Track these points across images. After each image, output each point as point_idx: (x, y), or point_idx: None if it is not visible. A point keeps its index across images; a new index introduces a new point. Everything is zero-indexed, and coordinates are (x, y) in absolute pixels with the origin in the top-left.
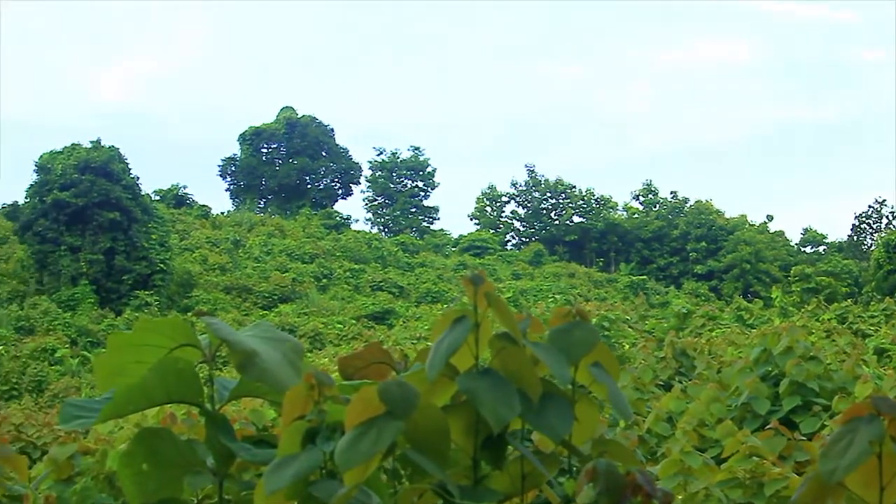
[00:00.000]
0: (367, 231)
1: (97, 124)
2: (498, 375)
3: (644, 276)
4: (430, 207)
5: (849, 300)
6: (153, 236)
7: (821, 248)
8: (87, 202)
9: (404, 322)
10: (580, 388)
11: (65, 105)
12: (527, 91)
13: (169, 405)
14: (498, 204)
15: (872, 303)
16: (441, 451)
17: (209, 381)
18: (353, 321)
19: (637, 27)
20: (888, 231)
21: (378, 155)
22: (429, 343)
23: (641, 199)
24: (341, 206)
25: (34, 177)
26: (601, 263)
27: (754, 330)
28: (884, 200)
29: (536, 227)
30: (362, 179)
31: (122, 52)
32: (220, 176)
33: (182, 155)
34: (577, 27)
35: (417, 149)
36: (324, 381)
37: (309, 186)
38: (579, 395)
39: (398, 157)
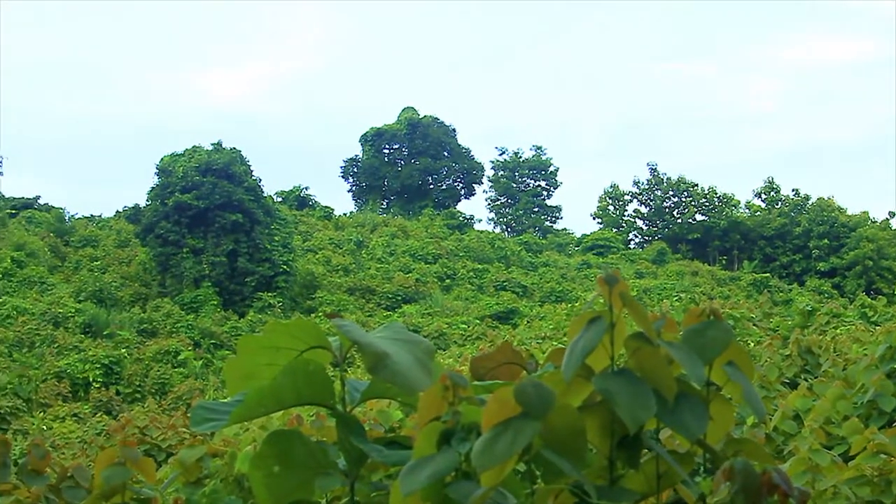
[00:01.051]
0: (490, 231)
1: (218, 127)
2: (633, 375)
3: (767, 274)
4: (552, 207)
5: None
6: (276, 238)
7: None
8: (209, 204)
9: (528, 322)
10: (713, 387)
11: (185, 108)
12: (648, 89)
13: (296, 407)
14: (620, 202)
15: None
16: (577, 451)
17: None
18: (477, 321)
19: (760, 26)
20: None
21: (500, 154)
22: (554, 343)
23: (763, 196)
24: (464, 206)
25: (155, 179)
26: (724, 261)
27: (879, 327)
28: None
29: (659, 226)
30: (485, 179)
31: (244, 55)
32: (343, 177)
33: (304, 156)
34: (699, 26)
35: (539, 148)
36: (458, 382)
37: (431, 187)
38: (713, 395)
39: (520, 157)
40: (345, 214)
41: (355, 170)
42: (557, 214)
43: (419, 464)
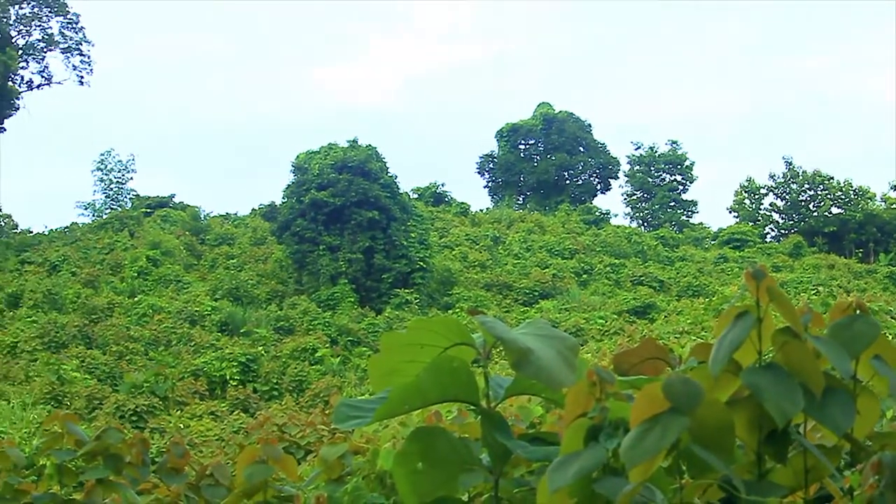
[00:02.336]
0: (627, 226)
1: (354, 124)
2: (781, 370)
3: None
4: (688, 201)
5: None
6: (412, 234)
7: None
8: (345, 201)
9: (666, 316)
10: (859, 381)
11: (321, 106)
12: (782, 83)
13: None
14: (756, 196)
15: None
16: (725, 446)
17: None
18: (615, 316)
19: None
20: None
21: (636, 149)
22: (693, 337)
23: None
24: (600, 201)
25: (291, 177)
26: (860, 254)
27: None
28: None
29: (795, 219)
30: (620, 174)
31: (379, 52)
32: (479, 173)
33: (440, 153)
34: (833, 18)
35: (675, 142)
36: (605, 378)
37: (567, 182)
38: (860, 389)
39: (656, 152)
40: (481, 210)
41: (491, 166)
42: (693, 209)
43: (567, 460)
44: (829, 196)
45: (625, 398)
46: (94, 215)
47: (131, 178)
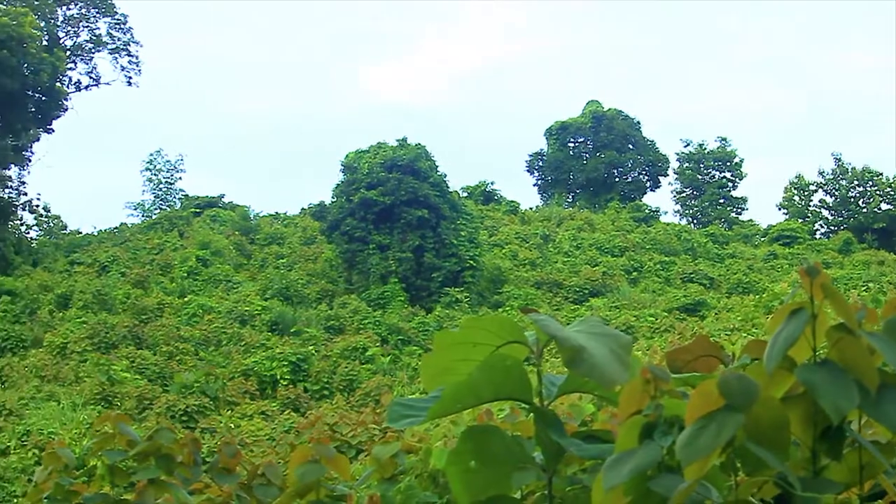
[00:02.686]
0: (676, 223)
1: (403, 123)
2: (836, 366)
3: None
4: (738, 198)
5: None
6: (462, 233)
7: None
8: (395, 200)
9: (716, 314)
10: None
11: (370, 105)
12: (831, 79)
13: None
14: (805, 193)
15: None
16: (780, 443)
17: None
18: (665, 313)
19: None
20: None
21: (685, 147)
22: (744, 334)
23: None
24: (650, 199)
25: (340, 176)
26: None
27: None
28: None
29: (844, 216)
30: (670, 171)
31: (429, 51)
32: (528, 171)
33: (489, 151)
34: (880, 14)
35: (724, 139)
36: (659, 375)
37: (617, 180)
38: None
39: (705, 149)
40: (531, 208)
41: (540, 164)
42: (743, 205)
43: (621, 458)
44: (878, 192)
45: (679, 395)
46: (143, 215)
47: (180, 178)
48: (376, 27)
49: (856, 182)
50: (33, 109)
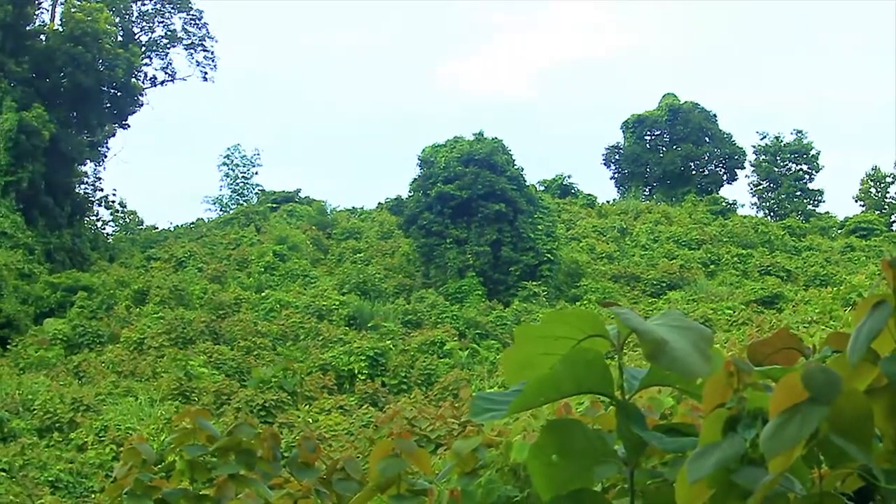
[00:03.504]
0: (753, 215)
1: (479, 117)
2: None
3: None
4: (814, 190)
5: None
6: (539, 227)
7: None
8: (472, 194)
9: (794, 306)
10: None
11: (445, 98)
12: None
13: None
14: (882, 185)
15: None
16: (864, 435)
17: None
18: (742, 306)
19: None
20: None
21: (761, 139)
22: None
23: None
24: (726, 192)
25: (417, 171)
26: None
27: None
28: None
29: None
30: (746, 164)
31: (504, 45)
32: (605, 164)
33: (565, 145)
34: None
35: (800, 132)
36: (743, 368)
37: (693, 172)
38: None
39: (781, 141)
40: (608, 202)
41: (617, 157)
42: (819, 198)
43: (705, 451)
44: None
45: (762, 388)
46: (220, 210)
47: (256, 174)
48: (455, 22)
49: None
50: (108, 105)
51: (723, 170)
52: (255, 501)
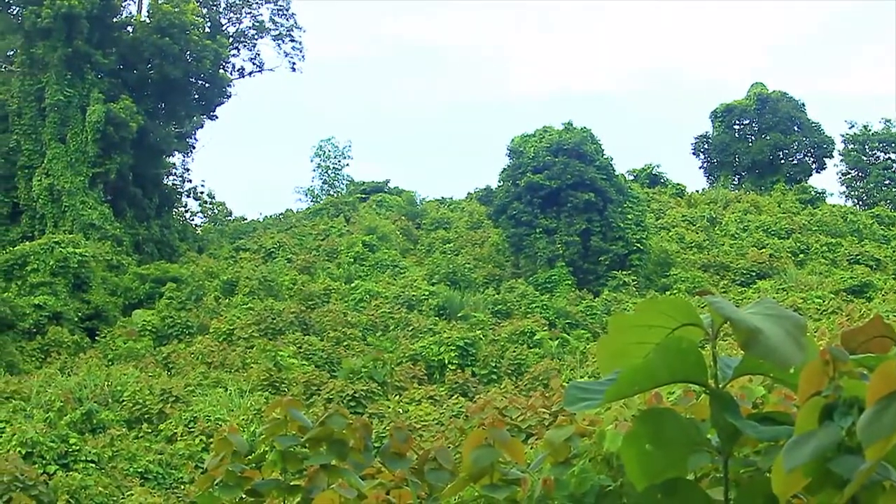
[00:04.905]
0: (842, 205)
1: (567, 107)
2: None
3: None
4: None
5: None
6: (629, 216)
7: None
8: (561, 184)
9: (883, 295)
10: None
11: (535, 89)
12: None
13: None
14: None
15: None
16: None
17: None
18: (832, 295)
19: None
20: None
21: (850, 128)
22: None
23: None
24: (815, 181)
25: (506, 161)
26: None
27: None
28: None
29: None
30: (835, 153)
31: (594, 35)
32: (694, 154)
33: (654, 134)
34: None
35: (889, 121)
36: (839, 356)
37: (782, 162)
38: None
39: (870, 130)
40: (697, 191)
41: (706, 146)
42: None
43: (801, 439)
44: None
45: (858, 377)
46: (311, 201)
47: (348, 165)
48: (545, 12)
49: None
50: (196, 96)
51: (811, 159)
52: (347, 492)
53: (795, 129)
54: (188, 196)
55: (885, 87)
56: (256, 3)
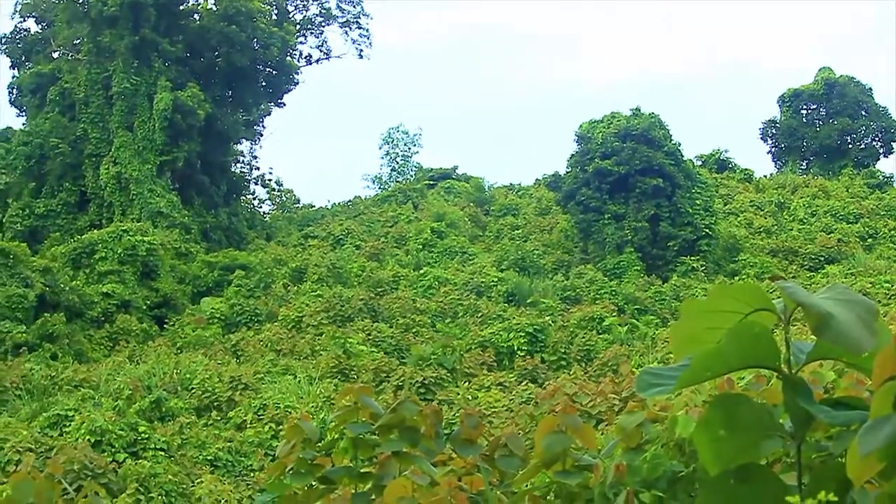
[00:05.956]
0: None
1: (635, 94)
2: None
3: None
4: None
5: None
6: (697, 202)
7: None
8: (629, 170)
9: None
10: None
11: (603, 76)
12: None
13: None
14: None
15: None
16: None
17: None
18: None
19: None
20: None
21: None
22: None
23: None
24: (883, 165)
25: (574, 147)
26: None
27: None
28: None
29: None
30: None
31: (659, 21)
32: (761, 139)
33: (722, 119)
34: None
35: None
36: None
37: (850, 146)
38: None
39: None
40: (765, 176)
41: (774, 131)
42: None
43: (876, 424)
44: None
45: None
46: (379, 188)
47: (417, 153)
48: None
49: None
50: (264, 84)
51: (879, 143)
52: (420, 478)
53: (863, 113)
54: (256, 184)
55: None
56: None
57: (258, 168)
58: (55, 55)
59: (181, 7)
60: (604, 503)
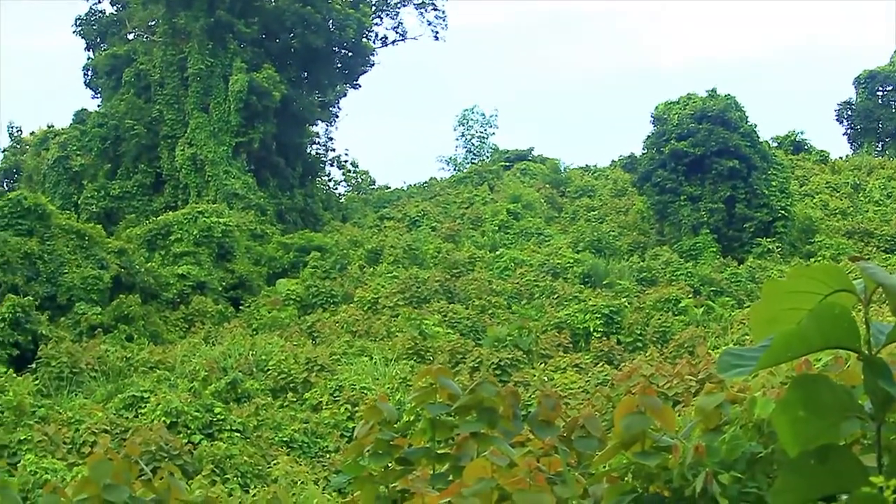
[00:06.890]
0: None
1: (710, 75)
2: None
3: None
4: None
5: None
6: (773, 183)
7: None
8: (705, 151)
9: None
10: None
11: (678, 55)
12: None
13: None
14: None
15: None
16: None
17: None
18: None
19: None
20: None
21: None
22: None
23: None
24: None
25: (650, 128)
26: None
27: None
28: None
29: None
30: None
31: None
32: (837, 120)
33: (798, 101)
34: None
35: None
36: None
37: None
38: None
39: None
40: (840, 158)
41: (849, 113)
42: None
43: None
44: None
45: None
46: (455, 170)
47: (493, 134)
48: None
49: None
50: (339, 65)
51: None
52: (498, 459)
53: None
54: (332, 165)
55: None
56: None
57: (333, 149)
58: (130, 37)
59: None
60: (683, 484)
